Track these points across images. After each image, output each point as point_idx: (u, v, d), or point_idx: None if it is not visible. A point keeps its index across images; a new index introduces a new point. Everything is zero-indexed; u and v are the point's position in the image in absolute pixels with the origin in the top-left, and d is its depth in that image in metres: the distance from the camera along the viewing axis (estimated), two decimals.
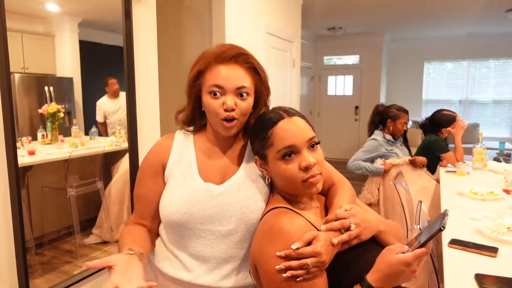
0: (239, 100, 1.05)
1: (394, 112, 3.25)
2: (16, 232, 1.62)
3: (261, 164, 1.06)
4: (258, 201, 1.08)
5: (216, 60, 1.06)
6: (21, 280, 1.65)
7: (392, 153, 3.23)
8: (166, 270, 1.12)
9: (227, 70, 1.05)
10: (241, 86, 1.04)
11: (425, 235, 0.88)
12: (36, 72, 2.13)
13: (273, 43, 3.87)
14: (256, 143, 1.05)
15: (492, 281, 1.35)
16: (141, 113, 2.19)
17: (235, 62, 1.06)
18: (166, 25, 3.17)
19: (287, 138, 0.97)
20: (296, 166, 0.97)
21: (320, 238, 0.90)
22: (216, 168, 1.12)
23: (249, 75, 1.07)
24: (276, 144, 0.98)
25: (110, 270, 0.88)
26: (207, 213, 1.06)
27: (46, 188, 2.26)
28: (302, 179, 0.97)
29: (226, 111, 1.03)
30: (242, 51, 1.08)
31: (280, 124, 0.99)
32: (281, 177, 1.00)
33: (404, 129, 3.30)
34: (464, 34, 7.36)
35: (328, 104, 8.22)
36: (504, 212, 1.98)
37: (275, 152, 0.98)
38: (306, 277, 0.88)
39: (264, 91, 1.13)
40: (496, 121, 7.67)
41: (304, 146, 0.98)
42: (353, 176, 2.64)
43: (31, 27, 2.03)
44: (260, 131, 1.03)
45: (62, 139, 2.27)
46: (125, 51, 2.05)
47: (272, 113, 1.04)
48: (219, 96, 1.04)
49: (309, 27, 6.56)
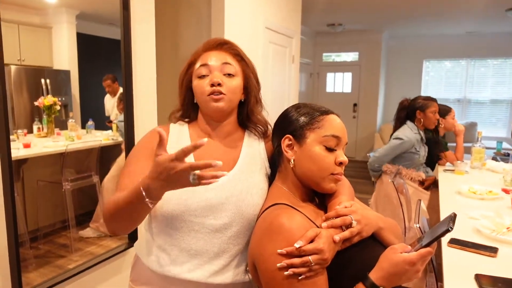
0: (226, 78, 1.08)
1: (421, 102, 3.06)
2: (9, 225, 1.60)
3: (290, 145, 1.06)
4: (254, 196, 1.07)
5: (203, 49, 1.14)
6: (13, 273, 1.63)
7: (417, 153, 3.03)
8: (153, 267, 1.08)
9: (213, 53, 1.12)
10: (227, 62, 1.10)
11: (429, 236, 0.87)
12: (32, 64, 2.09)
13: (273, 38, 3.84)
14: (295, 123, 1.05)
15: (492, 281, 1.34)
16: (138, 106, 2.17)
17: (220, 48, 1.13)
18: (164, 19, 3.13)
19: (338, 129, 1.03)
20: (333, 158, 1.02)
21: (322, 235, 0.89)
22: (211, 159, 1.08)
23: (234, 60, 1.12)
24: (326, 128, 1.02)
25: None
26: (201, 205, 1.04)
27: (42, 181, 2.23)
28: (334, 171, 1.01)
29: (212, 86, 1.06)
30: (227, 41, 1.15)
31: (332, 116, 1.06)
32: (314, 162, 1.01)
33: (437, 118, 3.08)
34: (463, 33, 7.36)
35: (326, 101, 8.19)
36: (503, 212, 1.98)
37: (320, 136, 1.02)
38: (308, 275, 0.87)
39: (253, 77, 1.15)
40: (493, 121, 7.68)
41: (343, 146, 1.05)
42: (350, 174, 2.63)
43: (28, 19, 2.00)
44: (307, 113, 1.06)
45: (58, 132, 2.24)
46: (123, 43, 2.03)
47: (319, 106, 1.08)
48: (206, 77, 1.08)
49: (309, 23, 6.54)
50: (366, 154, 4.33)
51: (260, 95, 1.19)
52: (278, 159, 1.10)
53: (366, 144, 7.75)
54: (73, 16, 2.22)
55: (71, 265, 2.03)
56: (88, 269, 2.01)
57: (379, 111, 7.90)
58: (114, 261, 2.18)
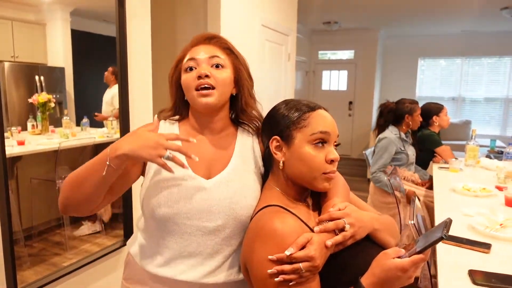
0: (215, 70, 1.05)
1: (409, 106, 3.15)
2: (4, 223, 1.58)
3: (278, 146, 1.02)
4: (247, 198, 1.05)
5: (191, 44, 1.11)
6: (8, 271, 1.62)
7: (403, 153, 3.12)
8: (147, 268, 1.08)
9: (201, 47, 1.08)
10: (214, 55, 1.06)
11: (423, 241, 0.86)
12: (26, 61, 2.08)
13: (269, 35, 3.84)
14: (281, 124, 1.02)
15: (485, 277, 1.35)
16: (133, 104, 2.16)
17: (209, 43, 1.09)
18: (160, 15, 3.12)
19: (325, 124, 1.00)
20: (323, 157, 0.98)
21: (313, 241, 0.88)
22: (203, 158, 1.05)
23: (224, 53, 1.09)
24: (312, 126, 0.99)
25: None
26: (194, 208, 1.02)
27: (36, 179, 2.22)
28: (325, 170, 0.98)
29: (200, 78, 1.02)
30: (215, 35, 1.12)
31: (318, 111, 1.02)
32: (304, 163, 0.98)
33: (420, 121, 3.22)
34: (458, 32, 7.39)
35: (322, 99, 8.19)
36: (497, 209, 1.99)
37: (308, 135, 0.98)
38: (299, 281, 0.86)
39: (243, 70, 1.10)
40: (487, 119, 7.73)
41: (333, 140, 1.01)
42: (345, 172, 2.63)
43: (21, 15, 1.98)
44: (292, 112, 1.02)
45: (53, 130, 2.23)
46: (118, 40, 2.01)
47: (307, 101, 1.05)
48: (194, 70, 1.05)
49: (305, 21, 6.54)
50: (361, 151, 4.34)
51: (254, 91, 1.15)
52: (269, 159, 1.07)
53: (361, 142, 7.76)
54: (67, 12, 2.21)
55: (66, 263, 2.03)
56: (82, 267, 2.00)
57: (375, 109, 7.91)
58: (109, 259, 2.17)
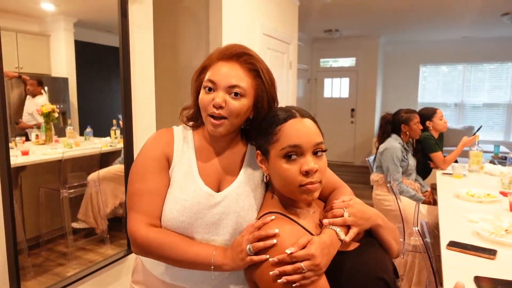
0: (231, 99, 1.00)
1: (404, 116, 3.18)
2: (8, 233, 1.59)
3: (261, 160, 1.03)
4: (254, 213, 1.06)
5: (218, 56, 1.04)
6: (12, 282, 1.62)
7: (405, 161, 3.12)
8: (155, 273, 1.11)
9: (225, 67, 1.02)
10: (234, 85, 1.00)
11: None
12: (30, 72, 2.10)
13: (270, 44, 3.86)
14: (260, 138, 1.02)
15: (491, 283, 1.34)
16: (136, 113, 2.17)
17: (236, 60, 1.03)
18: (163, 25, 3.15)
19: (295, 137, 0.94)
20: (297, 169, 0.94)
21: (314, 241, 0.89)
22: (213, 170, 1.08)
23: (248, 77, 1.02)
24: (282, 141, 0.95)
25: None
26: (205, 222, 1.03)
27: (40, 188, 2.23)
28: (300, 183, 0.94)
29: (214, 107, 0.99)
30: (246, 51, 1.04)
31: (290, 122, 0.97)
32: (279, 177, 0.97)
33: (420, 128, 3.22)
34: (459, 38, 7.41)
35: (324, 107, 8.22)
36: (501, 214, 1.98)
37: (278, 149, 0.95)
38: (303, 283, 0.86)
39: (266, 97, 1.05)
40: (490, 124, 7.70)
41: (309, 150, 0.95)
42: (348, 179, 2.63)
43: (26, 27, 2.00)
44: (267, 126, 1.00)
45: (57, 140, 2.24)
46: (121, 50, 2.03)
47: (284, 110, 1.01)
48: (212, 92, 1.01)
49: (306, 29, 6.57)
50: (364, 158, 4.33)
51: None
52: None
53: (364, 149, 7.75)
54: (71, 23, 2.23)
55: (70, 273, 2.03)
56: (86, 276, 1.99)
57: (377, 116, 7.91)
58: (113, 268, 2.17)
